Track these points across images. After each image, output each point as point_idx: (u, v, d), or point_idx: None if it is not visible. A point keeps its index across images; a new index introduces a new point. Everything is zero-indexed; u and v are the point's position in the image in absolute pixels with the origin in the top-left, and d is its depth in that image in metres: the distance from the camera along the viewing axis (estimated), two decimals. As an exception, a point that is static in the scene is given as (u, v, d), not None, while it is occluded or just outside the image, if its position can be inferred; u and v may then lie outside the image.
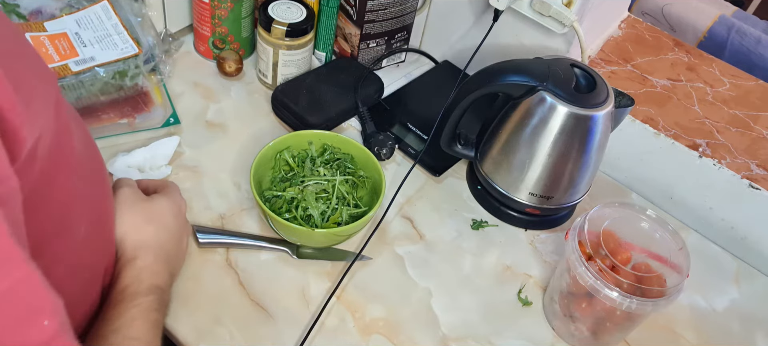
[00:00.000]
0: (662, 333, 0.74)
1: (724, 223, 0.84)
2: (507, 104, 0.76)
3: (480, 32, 0.88)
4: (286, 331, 0.66)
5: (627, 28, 1.00)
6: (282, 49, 0.88)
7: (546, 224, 0.82)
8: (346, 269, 0.72)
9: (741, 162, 0.82)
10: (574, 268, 0.63)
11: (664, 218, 0.68)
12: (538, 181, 0.76)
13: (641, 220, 0.68)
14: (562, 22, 0.81)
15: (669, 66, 0.95)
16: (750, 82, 0.95)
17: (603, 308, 0.64)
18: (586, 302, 0.66)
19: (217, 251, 0.72)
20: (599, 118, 0.72)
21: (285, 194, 0.73)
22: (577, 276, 0.63)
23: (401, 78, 1.00)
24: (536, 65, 0.73)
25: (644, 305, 0.61)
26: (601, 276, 0.62)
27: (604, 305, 0.62)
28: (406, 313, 0.71)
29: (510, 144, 0.76)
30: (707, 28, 1.56)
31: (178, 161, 0.81)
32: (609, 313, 0.64)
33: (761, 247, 0.83)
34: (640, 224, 0.68)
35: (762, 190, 0.79)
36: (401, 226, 0.79)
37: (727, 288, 0.80)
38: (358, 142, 0.78)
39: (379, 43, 0.97)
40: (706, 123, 0.87)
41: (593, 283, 0.62)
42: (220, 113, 0.88)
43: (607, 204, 0.69)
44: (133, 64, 0.80)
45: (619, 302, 0.61)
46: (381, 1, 0.90)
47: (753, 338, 0.76)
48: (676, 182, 0.86)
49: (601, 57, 0.94)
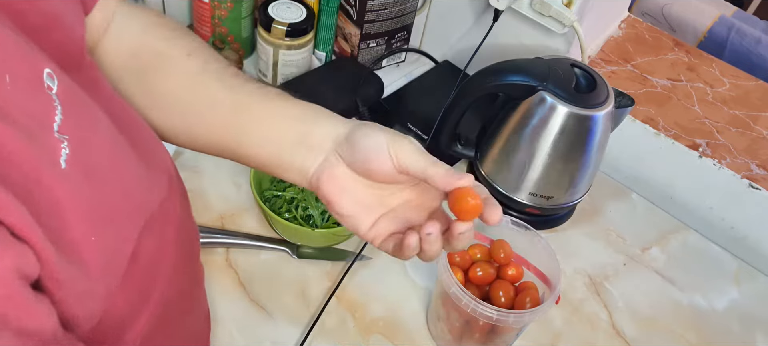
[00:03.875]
0: (662, 333, 0.74)
1: (724, 223, 0.84)
2: (507, 104, 0.76)
3: (480, 32, 0.88)
4: (286, 331, 0.66)
5: (627, 28, 1.00)
6: (282, 49, 0.88)
7: (546, 223, 0.82)
8: (346, 269, 0.72)
9: (741, 162, 0.82)
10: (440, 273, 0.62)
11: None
12: (538, 181, 0.76)
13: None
14: (562, 22, 0.81)
15: (669, 66, 0.95)
16: (750, 82, 0.95)
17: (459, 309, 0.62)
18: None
19: (217, 251, 0.72)
20: (599, 118, 0.72)
21: (285, 194, 0.73)
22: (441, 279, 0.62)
23: (401, 78, 1.00)
24: (536, 65, 0.73)
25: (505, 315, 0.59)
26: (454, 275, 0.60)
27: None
28: (406, 313, 0.71)
29: (510, 144, 0.76)
30: (707, 28, 1.56)
31: (178, 161, 0.81)
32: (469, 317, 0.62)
33: (761, 247, 0.83)
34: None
35: (762, 190, 0.79)
36: (401, 226, 0.79)
37: (727, 288, 0.80)
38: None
39: (379, 43, 0.97)
40: (706, 123, 0.87)
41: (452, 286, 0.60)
42: (220, 113, 0.88)
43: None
44: (133, 64, 0.80)
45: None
46: (381, 1, 0.90)
47: (753, 338, 0.76)
48: (676, 182, 0.86)
49: (601, 57, 0.94)
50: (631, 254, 0.82)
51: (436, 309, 0.67)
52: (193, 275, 0.52)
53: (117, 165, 0.37)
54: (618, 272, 0.79)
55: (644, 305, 0.76)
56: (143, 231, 0.39)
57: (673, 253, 0.83)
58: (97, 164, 0.35)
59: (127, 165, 0.39)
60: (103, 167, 0.35)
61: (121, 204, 0.37)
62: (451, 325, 0.65)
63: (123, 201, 0.37)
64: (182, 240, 0.47)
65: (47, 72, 0.32)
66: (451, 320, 0.65)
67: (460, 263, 0.66)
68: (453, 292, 0.59)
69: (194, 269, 0.52)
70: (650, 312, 0.76)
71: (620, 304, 0.76)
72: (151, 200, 0.41)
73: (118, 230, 0.37)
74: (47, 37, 0.35)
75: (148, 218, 0.40)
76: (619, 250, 0.82)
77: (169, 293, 0.45)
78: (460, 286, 0.59)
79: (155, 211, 0.41)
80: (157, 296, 0.43)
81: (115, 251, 0.36)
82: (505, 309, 0.59)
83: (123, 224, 0.37)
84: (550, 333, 0.72)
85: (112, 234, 0.36)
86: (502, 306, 0.62)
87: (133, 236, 0.38)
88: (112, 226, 0.36)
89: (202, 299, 0.57)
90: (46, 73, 0.32)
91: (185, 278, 0.49)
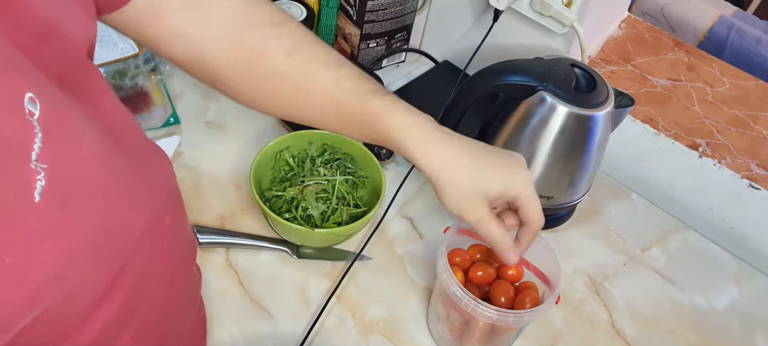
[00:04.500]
0: (662, 333, 0.74)
1: (724, 223, 0.84)
2: (507, 104, 0.76)
3: (480, 32, 0.88)
4: (286, 331, 0.66)
5: (627, 28, 1.00)
6: (282, 49, 0.88)
7: (546, 224, 0.82)
8: (346, 269, 0.72)
9: (741, 162, 0.82)
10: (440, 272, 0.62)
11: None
12: (538, 181, 0.76)
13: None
14: (562, 22, 0.81)
15: (669, 66, 0.95)
16: (750, 82, 0.95)
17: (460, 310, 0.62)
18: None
19: (217, 251, 0.72)
20: (599, 118, 0.72)
21: (285, 194, 0.73)
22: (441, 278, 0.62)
23: (401, 78, 1.00)
24: (536, 65, 0.73)
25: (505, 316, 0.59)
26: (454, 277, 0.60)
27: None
28: (406, 313, 0.71)
29: (510, 144, 0.76)
30: (707, 28, 1.56)
31: (178, 161, 0.81)
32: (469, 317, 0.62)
33: (761, 247, 0.83)
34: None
35: (762, 190, 0.79)
36: (401, 226, 0.79)
37: (727, 288, 0.80)
38: (358, 142, 0.78)
39: (379, 43, 0.97)
40: (706, 123, 0.87)
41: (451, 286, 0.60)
42: (220, 113, 0.88)
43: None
44: (133, 64, 0.80)
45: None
46: (381, 1, 0.90)
47: (753, 338, 0.76)
48: (676, 182, 0.86)
49: (601, 57, 0.94)
50: (631, 254, 0.82)
51: (436, 309, 0.67)
52: (186, 284, 0.52)
53: (102, 188, 0.36)
54: (618, 272, 0.79)
55: (644, 305, 0.76)
56: (131, 251, 0.38)
57: (673, 253, 0.83)
58: (78, 192, 0.34)
59: (115, 186, 0.37)
60: (84, 194, 0.34)
61: (103, 231, 0.36)
62: (451, 325, 0.65)
63: (105, 228, 0.36)
64: (175, 251, 0.46)
65: (29, 96, 0.30)
66: (451, 320, 0.65)
67: (460, 264, 0.66)
68: (453, 292, 0.59)
69: (188, 278, 0.52)
70: (650, 312, 0.76)
71: (620, 304, 0.76)
72: (140, 219, 0.40)
73: (99, 258, 0.36)
74: (42, 50, 0.34)
75: (138, 237, 0.39)
76: (619, 250, 0.82)
77: (159, 304, 0.45)
78: (460, 286, 0.59)
79: (145, 229, 0.40)
80: (145, 309, 0.42)
81: (93, 280, 0.36)
82: (504, 309, 0.58)
83: (104, 251, 0.36)
84: (550, 333, 0.72)
85: (91, 263, 0.35)
86: (502, 306, 0.61)
87: (117, 260, 0.37)
88: (91, 255, 0.35)
89: (198, 305, 0.57)
90: (28, 97, 0.30)
91: (177, 288, 0.49)
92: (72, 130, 0.34)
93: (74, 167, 0.34)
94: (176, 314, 0.50)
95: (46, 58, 0.34)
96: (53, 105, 0.32)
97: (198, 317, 0.57)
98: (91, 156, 0.35)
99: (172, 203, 0.46)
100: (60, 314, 0.34)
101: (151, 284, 0.42)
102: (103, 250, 0.36)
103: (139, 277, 0.40)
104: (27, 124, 0.30)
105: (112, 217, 0.37)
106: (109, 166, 0.37)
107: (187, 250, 0.50)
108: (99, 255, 0.36)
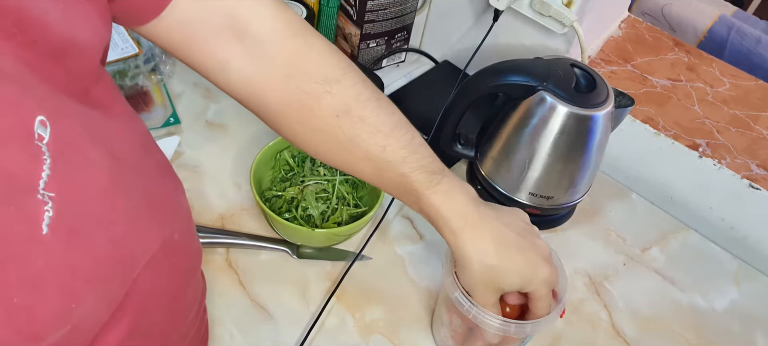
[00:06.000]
0: (662, 333, 0.74)
1: (724, 223, 0.84)
2: (507, 104, 0.76)
3: (480, 32, 0.88)
4: (286, 331, 0.66)
5: (627, 28, 1.00)
6: (282, 49, 0.88)
7: (546, 223, 0.82)
8: (346, 269, 0.72)
9: (741, 162, 0.82)
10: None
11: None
12: (538, 181, 0.76)
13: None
14: (562, 22, 0.81)
15: (669, 66, 0.95)
16: (750, 82, 0.95)
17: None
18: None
19: (217, 251, 0.72)
20: (599, 118, 0.72)
21: (285, 194, 0.73)
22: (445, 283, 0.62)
23: (401, 78, 1.00)
24: (536, 65, 0.73)
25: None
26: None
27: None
28: (406, 313, 0.71)
29: (510, 144, 0.76)
30: (707, 28, 1.56)
31: (178, 161, 0.81)
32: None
33: (761, 247, 0.83)
34: None
35: (762, 190, 0.79)
36: (401, 226, 0.79)
37: (727, 288, 0.80)
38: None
39: (379, 43, 0.97)
40: (706, 123, 0.87)
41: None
42: (220, 113, 0.88)
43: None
44: (134, 64, 0.80)
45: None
46: (381, 1, 0.90)
47: (753, 338, 0.76)
48: (676, 182, 0.86)
49: (601, 57, 0.94)
50: (631, 254, 0.82)
51: (440, 314, 0.67)
52: (193, 293, 0.51)
53: (112, 213, 0.35)
54: (618, 272, 0.79)
55: (644, 305, 0.76)
56: (141, 273, 0.37)
57: (673, 253, 0.83)
58: (87, 219, 0.33)
59: (127, 208, 0.36)
60: (93, 221, 0.33)
61: (112, 259, 0.35)
62: (454, 331, 0.65)
63: (114, 255, 0.35)
64: (182, 263, 0.45)
65: (40, 120, 0.30)
66: (453, 327, 0.64)
67: None
68: (455, 297, 0.59)
69: (194, 286, 0.51)
70: (650, 312, 0.76)
71: (620, 304, 0.76)
72: (152, 241, 0.39)
73: (107, 287, 0.35)
74: (58, 65, 0.32)
75: (148, 259, 0.38)
76: (619, 250, 0.82)
77: (165, 316, 0.44)
78: (463, 292, 0.58)
79: (156, 251, 0.39)
80: (151, 322, 0.42)
81: (101, 305, 0.35)
82: (507, 319, 0.58)
83: (112, 279, 0.35)
84: (550, 333, 0.72)
85: (99, 293, 0.34)
86: (508, 317, 0.60)
87: (125, 284, 0.36)
88: (98, 285, 0.34)
89: (202, 313, 0.56)
90: (39, 121, 0.30)
91: (184, 299, 0.48)
92: (81, 155, 0.33)
93: (83, 195, 0.33)
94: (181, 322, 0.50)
95: (60, 74, 0.33)
96: (64, 126, 0.32)
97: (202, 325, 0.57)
98: (100, 177, 0.34)
99: (179, 213, 0.46)
100: (67, 342, 0.33)
101: (158, 300, 0.42)
102: (114, 276, 0.35)
103: (147, 296, 0.40)
104: (35, 151, 0.29)
105: (121, 247, 0.36)
106: (119, 188, 0.36)
107: (193, 259, 0.49)
108: (109, 283, 0.35)
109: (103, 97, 0.38)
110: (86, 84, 0.36)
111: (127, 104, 0.42)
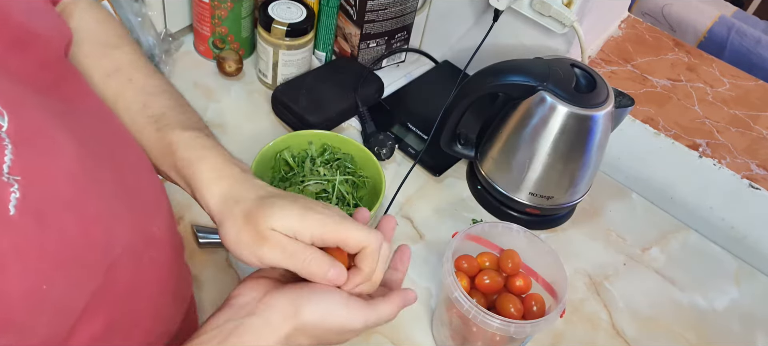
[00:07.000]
0: (662, 333, 0.74)
1: (724, 223, 0.84)
2: (507, 104, 0.76)
3: (480, 32, 0.88)
4: (286, 331, 0.66)
5: (627, 28, 1.00)
6: (282, 49, 0.88)
7: (546, 223, 0.82)
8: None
9: (741, 162, 0.82)
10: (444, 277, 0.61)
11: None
12: (538, 181, 0.76)
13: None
14: (562, 22, 0.81)
15: (669, 66, 0.95)
16: (750, 82, 0.95)
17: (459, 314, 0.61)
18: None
19: (218, 251, 0.72)
20: (599, 118, 0.72)
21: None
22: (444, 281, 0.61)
23: (401, 78, 1.00)
24: (536, 65, 0.73)
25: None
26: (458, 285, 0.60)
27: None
28: (407, 313, 0.70)
29: (510, 144, 0.76)
30: (707, 28, 1.56)
31: (178, 161, 0.80)
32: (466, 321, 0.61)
33: (761, 247, 0.83)
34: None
35: (762, 190, 0.79)
36: (401, 226, 0.79)
37: (727, 288, 0.80)
38: (358, 142, 0.78)
39: (379, 43, 0.97)
40: (706, 123, 0.87)
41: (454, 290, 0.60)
42: (220, 113, 0.88)
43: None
44: (133, 64, 0.80)
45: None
46: (381, 1, 0.90)
47: (753, 338, 0.76)
48: (676, 181, 0.86)
49: (601, 57, 0.94)
50: (631, 254, 0.82)
51: (440, 314, 0.67)
52: (177, 285, 0.50)
53: (82, 198, 0.35)
54: (618, 272, 0.79)
55: (644, 305, 0.76)
56: (114, 264, 0.37)
57: (673, 253, 0.83)
58: (56, 202, 0.33)
59: (98, 194, 0.36)
60: (62, 204, 0.33)
61: (83, 241, 0.35)
62: (454, 331, 0.65)
63: (85, 238, 0.35)
64: (163, 256, 0.45)
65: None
66: (453, 326, 0.64)
67: (467, 270, 0.66)
68: (455, 297, 0.59)
69: (178, 278, 0.50)
70: (650, 312, 0.76)
71: (620, 304, 0.76)
72: (125, 230, 0.39)
73: (80, 272, 0.35)
74: (21, 57, 0.33)
75: (123, 248, 0.38)
76: (619, 250, 0.82)
77: (149, 310, 0.44)
78: (462, 292, 0.58)
79: (130, 241, 0.39)
80: (134, 317, 0.41)
81: (73, 293, 0.34)
82: (506, 319, 0.57)
83: (84, 263, 0.35)
84: (550, 333, 0.72)
85: (71, 277, 0.34)
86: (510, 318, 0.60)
87: (97, 272, 0.36)
88: (70, 268, 0.34)
89: (188, 303, 0.56)
90: None
91: (167, 292, 0.47)
92: (48, 141, 0.34)
93: (51, 179, 0.33)
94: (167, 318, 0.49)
95: (25, 64, 0.33)
96: (25, 116, 0.32)
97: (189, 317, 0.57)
98: (68, 164, 0.34)
99: (159, 209, 0.45)
100: (45, 331, 0.33)
101: (139, 294, 0.42)
102: (85, 260, 0.35)
103: (126, 289, 0.39)
104: None
105: (93, 231, 0.36)
106: (89, 174, 0.36)
107: (175, 251, 0.48)
108: (81, 267, 0.35)
109: (75, 91, 0.39)
110: (54, 77, 0.37)
111: (103, 103, 0.43)
